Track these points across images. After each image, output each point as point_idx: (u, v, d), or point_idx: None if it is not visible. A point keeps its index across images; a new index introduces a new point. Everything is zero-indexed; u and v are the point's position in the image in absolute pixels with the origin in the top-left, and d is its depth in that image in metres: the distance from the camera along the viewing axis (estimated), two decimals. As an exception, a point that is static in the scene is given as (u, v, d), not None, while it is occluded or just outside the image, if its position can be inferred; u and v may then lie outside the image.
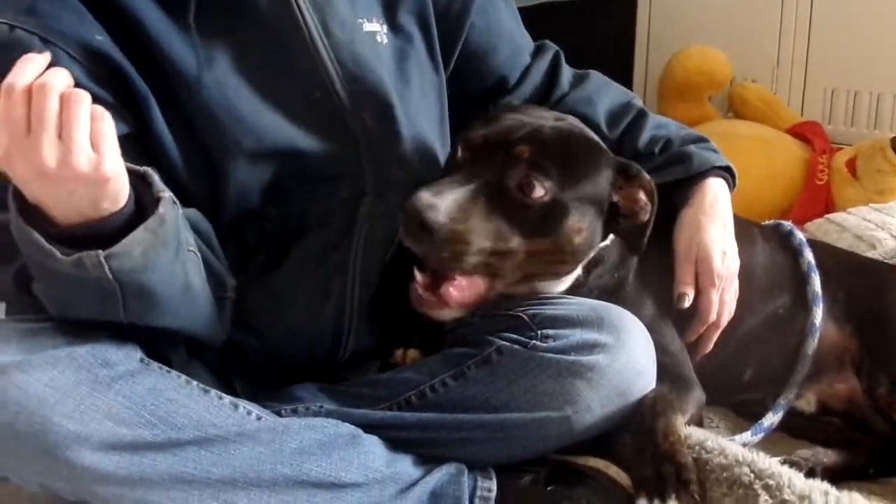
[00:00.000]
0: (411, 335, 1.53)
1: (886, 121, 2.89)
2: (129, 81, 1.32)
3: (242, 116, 1.37)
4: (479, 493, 1.37)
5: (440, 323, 1.50)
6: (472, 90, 1.65)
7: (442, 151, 1.56)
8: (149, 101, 1.33)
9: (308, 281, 1.46)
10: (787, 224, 1.79)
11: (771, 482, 1.26)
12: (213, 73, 1.36)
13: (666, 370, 1.44)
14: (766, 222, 1.86)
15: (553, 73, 1.73)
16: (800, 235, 1.75)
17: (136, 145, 1.31)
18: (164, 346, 1.36)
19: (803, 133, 2.87)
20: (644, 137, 1.67)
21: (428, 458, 1.40)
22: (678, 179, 1.63)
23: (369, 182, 1.46)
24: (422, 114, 1.52)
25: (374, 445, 1.37)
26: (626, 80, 3.07)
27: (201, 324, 1.37)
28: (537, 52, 1.74)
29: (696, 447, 1.37)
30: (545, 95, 1.70)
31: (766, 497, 1.25)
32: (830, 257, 1.76)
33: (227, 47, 1.37)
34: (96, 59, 1.30)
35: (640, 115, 1.70)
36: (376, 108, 1.43)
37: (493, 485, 1.38)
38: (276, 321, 1.46)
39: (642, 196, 1.45)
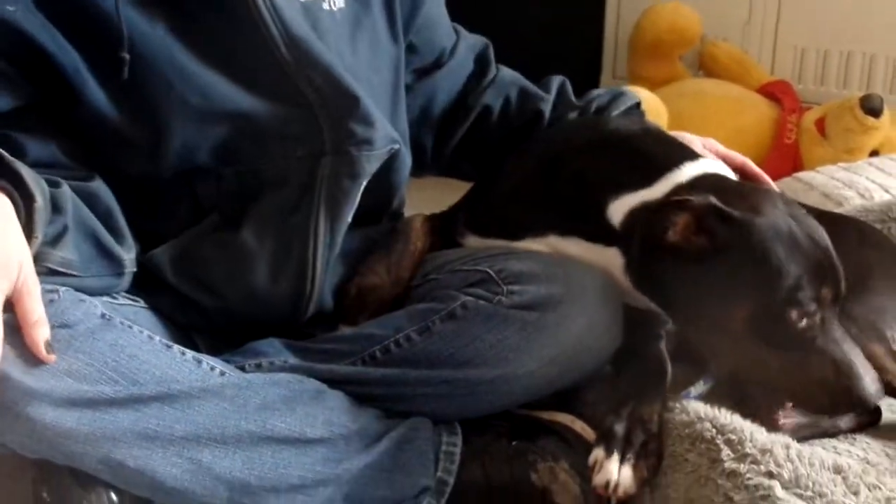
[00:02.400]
0: None
1: (856, 80, 2.90)
2: (45, 53, 1.29)
3: (187, 74, 1.35)
4: (444, 447, 1.38)
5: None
6: (416, 64, 1.64)
7: (394, 126, 1.52)
8: (78, 70, 1.31)
9: (268, 243, 1.43)
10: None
11: (733, 437, 1.26)
12: (155, 32, 1.33)
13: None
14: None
15: (483, 53, 1.75)
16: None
17: (38, 116, 1.31)
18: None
19: (773, 92, 2.87)
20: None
21: (393, 414, 1.40)
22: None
23: (328, 142, 1.42)
24: (371, 86, 1.49)
25: (338, 401, 1.37)
26: (596, 37, 3.06)
27: None
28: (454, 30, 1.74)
29: (658, 404, 1.38)
30: (481, 74, 1.73)
31: (728, 451, 1.25)
32: None
33: (169, 11, 1.34)
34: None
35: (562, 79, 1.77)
36: (323, 74, 1.39)
37: (459, 440, 1.39)
38: (235, 282, 1.44)
39: None
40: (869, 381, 1.30)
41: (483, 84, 1.72)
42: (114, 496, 1.28)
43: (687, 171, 1.41)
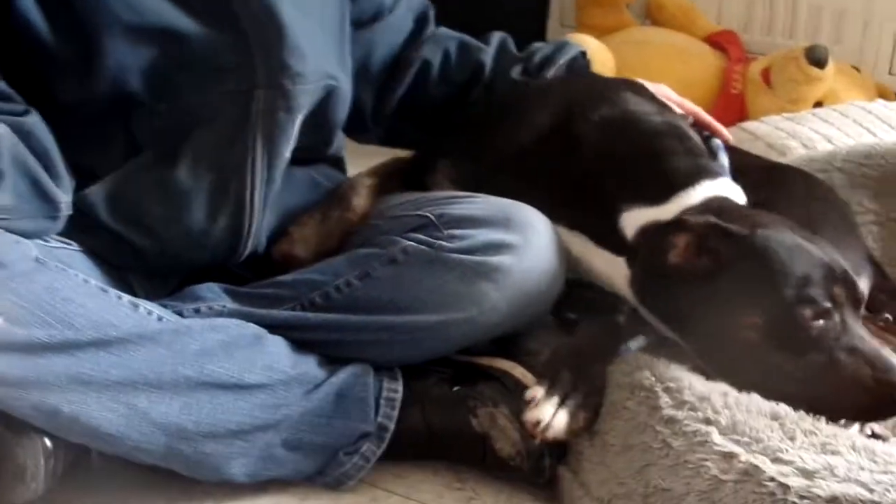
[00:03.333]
0: None
1: (802, 31, 2.91)
2: None
3: None
4: (384, 393, 1.37)
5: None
6: (354, 15, 1.61)
7: (339, 69, 1.50)
8: None
9: (205, 180, 1.41)
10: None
11: (672, 385, 1.27)
12: None
13: None
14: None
15: (424, 13, 1.74)
16: (717, 141, 1.75)
17: None
18: None
19: (719, 42, 2.87)
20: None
21: (334, 360, 1.39)
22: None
23: (260, 74, 1.39)
24: (322, 22, 1.47)
25: (278, 346, 1.36)
26: (544, -16, 3.04)
27: None
28: None
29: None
30: (419, 32, 1.72)
31: (667, 399, 1.26)
32: (741, 158, 1.77)
33: None
34: None
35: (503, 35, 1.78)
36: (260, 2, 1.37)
37: (399, 385, 1.39)
38: (172, 221, 1.41)
39: None
40: None
41: (421, 39, 1.71)
42: (48, 442, 1.25)
43: (700, 192, 1.39)
